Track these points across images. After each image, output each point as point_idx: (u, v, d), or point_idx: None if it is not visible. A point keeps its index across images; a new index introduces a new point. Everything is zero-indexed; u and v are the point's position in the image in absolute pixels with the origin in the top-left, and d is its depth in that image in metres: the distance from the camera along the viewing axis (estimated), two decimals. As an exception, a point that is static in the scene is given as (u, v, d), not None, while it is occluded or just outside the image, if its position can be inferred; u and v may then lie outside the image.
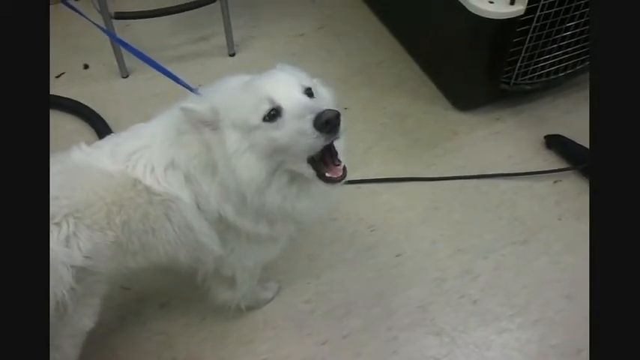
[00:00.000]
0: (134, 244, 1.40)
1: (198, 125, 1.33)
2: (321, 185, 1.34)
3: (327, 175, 1.32)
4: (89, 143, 1.47)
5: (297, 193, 1.40)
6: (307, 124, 1.22)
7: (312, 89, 1.35)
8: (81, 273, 1.29)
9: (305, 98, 1.30)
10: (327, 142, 1.25)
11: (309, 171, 1.31)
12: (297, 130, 1.23)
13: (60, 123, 2.59)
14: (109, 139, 1.51)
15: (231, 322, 1.92)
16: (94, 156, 1.40)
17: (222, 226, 1.47)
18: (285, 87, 1.31)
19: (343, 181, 1.32)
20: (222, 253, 1.55)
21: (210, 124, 1.32)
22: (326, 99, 1.42)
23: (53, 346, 1.33)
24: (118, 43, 1.49)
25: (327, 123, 1.20)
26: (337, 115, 1.21)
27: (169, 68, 1.57)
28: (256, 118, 1.27)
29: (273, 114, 1.27)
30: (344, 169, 1.33)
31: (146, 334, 1.91)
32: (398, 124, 2.65)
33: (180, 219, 1.41)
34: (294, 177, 1.37)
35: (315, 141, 1.22)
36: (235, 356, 1.87)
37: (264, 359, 1.86)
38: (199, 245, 1.48)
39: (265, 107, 1.26)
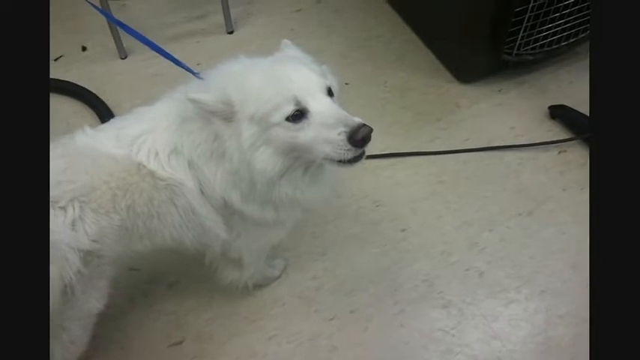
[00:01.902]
0: (139, 227, 1.39)
1: (207, 115, 1.30)
2: (337, 168, 1.32)
3: None
4: (92, 126, 1.45)
5: (308, 183, 1.40)
6: (340, 137, 1.23)
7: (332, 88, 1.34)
8: (88, 256, 1.29)
9: (331, 102, 1.30)
10: (357, 154, 1.26)
11: (326, 160, 1.31)
12: (325, 139, 1.25)
13: (60, 106, 2.57)
14: (113, 123, 1.50)
15: (239, 300, 1.93)
16: (98, 140, 1.39)
17: (228, 212, 1.47)
18: (311, 87, 1.28)
19: (362, 159, 1.32)
20: (228, 238, 1.55)
21: (222, 115, 1.28)
22: (335, 88, 1.40)
23: (61, 328, 1.34)
24: (117, 25, 1.47)
25: (363, 140, 1.22)
26: (371, 131, 1.23)
27: (167, 48, 1.55)
28: (279, 117, 1.25)
29: (298, 115, 1.25)
30: None
31: (155, 315, 1.92)
32: (399, 99, 2.63)
33: (185, 204, 1.41)
34: (308, 167, 1.38)
35: (346, 152, 1.25)
36: (245, 333, 1.88)
37: (274, 336, 1.88)
38: (205, 230, 1.48)
39: (290, 108, 1.25)
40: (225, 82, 1.31)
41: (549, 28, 2.48)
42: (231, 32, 2.94)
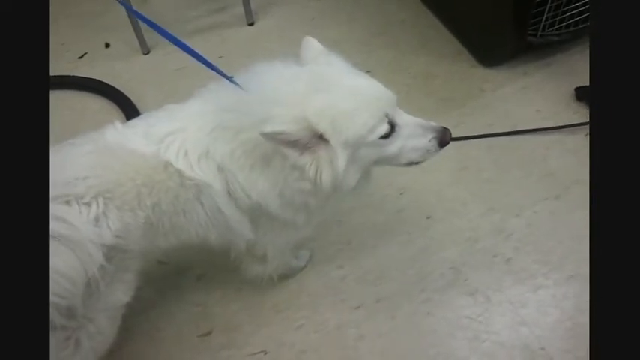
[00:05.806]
0: (165, 224, 1.41)
1: (281, 149, 1.25)
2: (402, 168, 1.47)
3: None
4: (120, 122, 1.46)
5: (361, 184, 1.43)
6: (431, 143, 1.37)
7: None
8: (112, 251, 1.30)
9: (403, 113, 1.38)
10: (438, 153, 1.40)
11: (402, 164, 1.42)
12: (414, 147, 1.37)
13: (87, 103, 2.62)
14: (143, 119, 1.50)
15: (266, 290, 1.94)
16: (127, 136, 1.39)
17: (256, 214, 1.48)
18: (391, 100, 1.34)
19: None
20: (253, 237, 1.56)
21: (301, 144, 1.24)
22: None
23: (87, 319, 1.35)
24: (150, 25, 1.47)
25: (448, 141, 1.38)
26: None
27: (189, 42, 1.53)
28: (374, 137, 1.29)
29: (390, 131, 1.31)
30: None
31: (184, 306, 1.95)
32: (423, 85, 2.60)
33: (211, 203, 1.41)
34: (368, 170, 1.43)
35: (434, 154, 1.40)
36: (272, 323, 1.90)
37: (301, 325, 1.89)
38: (230, 229, 1.49)
39: (386, 127, 1.30)
40: (292, 104, 1.25)
41: (575, 8, 2.42)
42: (251, 24, 2.95)
